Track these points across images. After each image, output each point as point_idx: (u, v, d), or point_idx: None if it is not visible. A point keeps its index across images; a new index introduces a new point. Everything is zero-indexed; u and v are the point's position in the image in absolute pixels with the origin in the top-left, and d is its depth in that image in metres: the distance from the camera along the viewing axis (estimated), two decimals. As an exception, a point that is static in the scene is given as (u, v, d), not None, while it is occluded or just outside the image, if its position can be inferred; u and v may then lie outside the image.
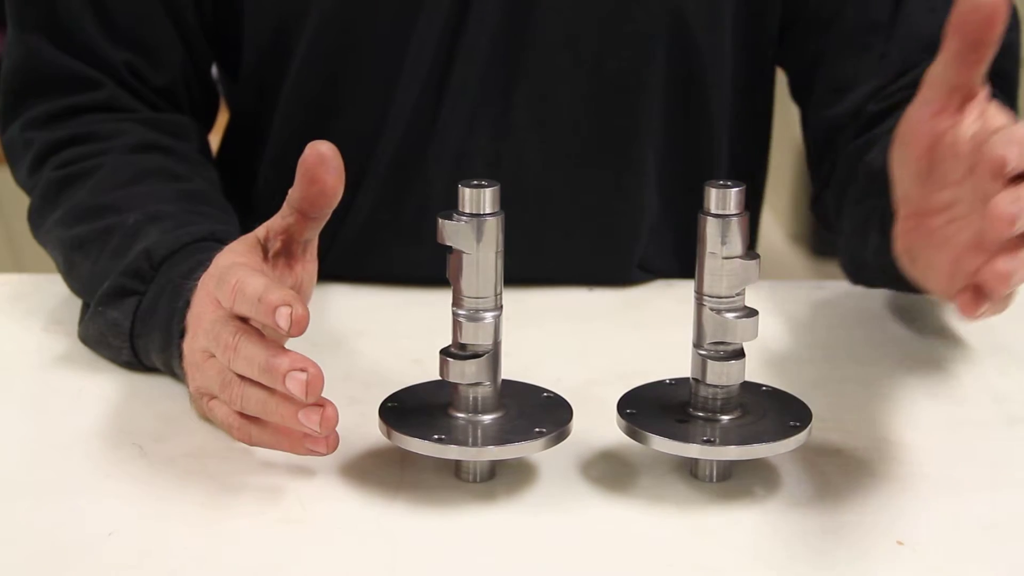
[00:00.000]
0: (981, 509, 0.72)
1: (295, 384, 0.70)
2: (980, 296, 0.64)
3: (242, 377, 0.74)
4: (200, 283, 0.81)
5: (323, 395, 0.71)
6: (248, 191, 1.08)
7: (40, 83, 1.01)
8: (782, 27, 1.05)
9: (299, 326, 0.70)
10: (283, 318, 0.70)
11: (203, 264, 0.81)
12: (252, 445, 0.76)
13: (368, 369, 0.89)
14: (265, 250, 0.79)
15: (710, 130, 1.06)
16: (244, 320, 0.74)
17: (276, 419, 0.73)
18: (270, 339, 0.73)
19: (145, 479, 0.75)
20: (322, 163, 0.74)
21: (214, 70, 1.09)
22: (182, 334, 0.81)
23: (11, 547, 0.68)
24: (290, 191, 0.76)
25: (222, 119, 1.13)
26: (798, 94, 1.08)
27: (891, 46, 1.00)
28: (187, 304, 0.81)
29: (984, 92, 0.69)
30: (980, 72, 0.68)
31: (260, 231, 0.79)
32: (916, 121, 0.70)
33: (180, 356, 0.82)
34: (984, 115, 0.69)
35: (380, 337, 0.96)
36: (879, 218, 0.88)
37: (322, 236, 0.80)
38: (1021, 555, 0.68)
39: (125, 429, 0.81)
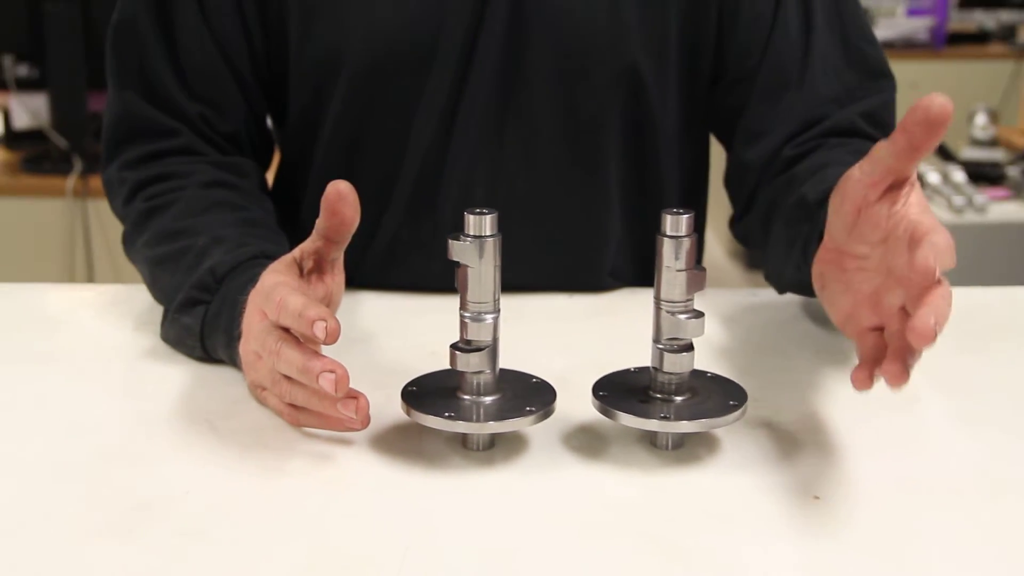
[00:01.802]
0: (887, 469, 0.72)
1: (326, 382, 0.70)
2: (873, 377, 0.66)
3: (287, 376, 0.74)
4: (250, 297, 0.81)
5: (356, 382, 0.71)
6: (296, 216, 1.08)
7: (133, 132, 1.01)
8: (711, 83, 1.06)
9: (332, 336, 0.70)
10: (320, 330, 0.70)
11: (255, 279, 0.81)
12: (300, 427, 0.77)
13: (392, 360, 0.89)
14: (300, 268, 0.80)
15: (659, 164, 1.06)
16: (286, 330, 0.74)
17: (319, 409, 0.74)
18: (306, 346, 0.73)
19: (215, 448, 0.75)
20: (340, 199, 0.75)
21: (269, 120, 1.09)
22: (239, 338, 0.82)
23: (109, 503, 0.68)
24: (317, 221, 0.77)
25: (276, 159, 1.13)
26: (721, 137, 1.09)
27: (797, 100, 1.01)
28: (241, 313, 0.82)
29: (913, 178, 0.68)
30: (915, 164, 0.67)
31: (296, 252, 0.80)
32: (855, 182, 0.69)
33: (238, 355, 0.82)
34: (907, 199, 0.68)
35: (402, 335, 0.95)
36: (803, 241, 0.88)
37: (355, 251, 0.80)
38: (919, 507, 0.68)
39: (198, 409, 0.81)
